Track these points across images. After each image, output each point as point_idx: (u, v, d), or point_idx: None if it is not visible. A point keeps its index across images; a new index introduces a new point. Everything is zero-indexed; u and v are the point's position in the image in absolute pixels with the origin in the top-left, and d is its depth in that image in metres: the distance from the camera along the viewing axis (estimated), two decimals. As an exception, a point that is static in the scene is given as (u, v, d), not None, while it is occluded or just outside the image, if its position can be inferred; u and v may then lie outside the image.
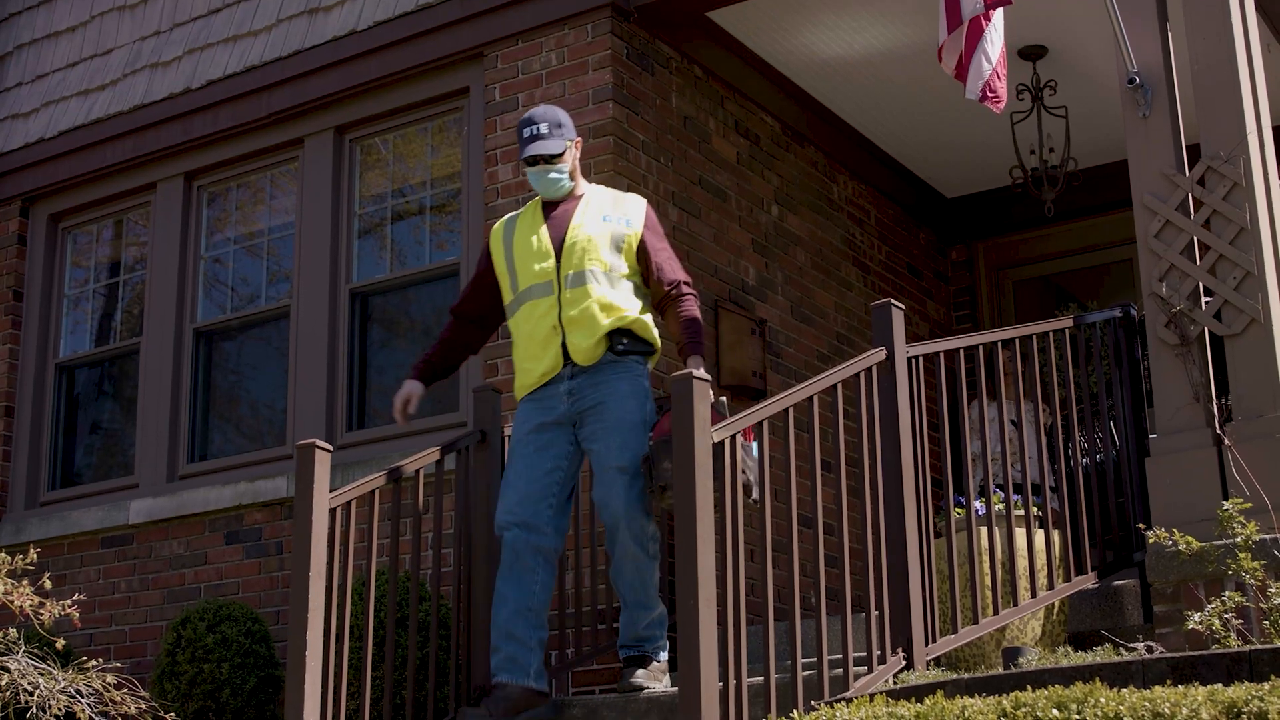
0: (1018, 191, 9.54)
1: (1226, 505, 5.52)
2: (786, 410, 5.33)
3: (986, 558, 5.95)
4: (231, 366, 9.33)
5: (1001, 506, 6.08)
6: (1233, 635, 5.17)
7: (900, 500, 5.57)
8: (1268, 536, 5.50)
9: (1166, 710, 3.66)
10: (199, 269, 9.38)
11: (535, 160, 6.16)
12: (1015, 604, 5.95)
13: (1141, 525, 6.10)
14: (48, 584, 6.83)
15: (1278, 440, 5.87)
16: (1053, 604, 6.23)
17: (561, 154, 6.16)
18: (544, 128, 6.15)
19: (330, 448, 5.86)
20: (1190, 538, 5.58)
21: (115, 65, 9.83)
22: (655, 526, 5.94)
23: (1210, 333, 6.15)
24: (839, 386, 5.58)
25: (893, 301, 5.80)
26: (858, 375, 5.58)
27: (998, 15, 6.15)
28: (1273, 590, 5.18)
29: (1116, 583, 6.48)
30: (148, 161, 9.56)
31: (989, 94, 6.19)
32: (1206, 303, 6.14)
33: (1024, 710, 3.85)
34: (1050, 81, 9.20)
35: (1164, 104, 6.36)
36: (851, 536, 5.86)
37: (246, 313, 9.17)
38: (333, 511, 5.86)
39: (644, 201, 6.27)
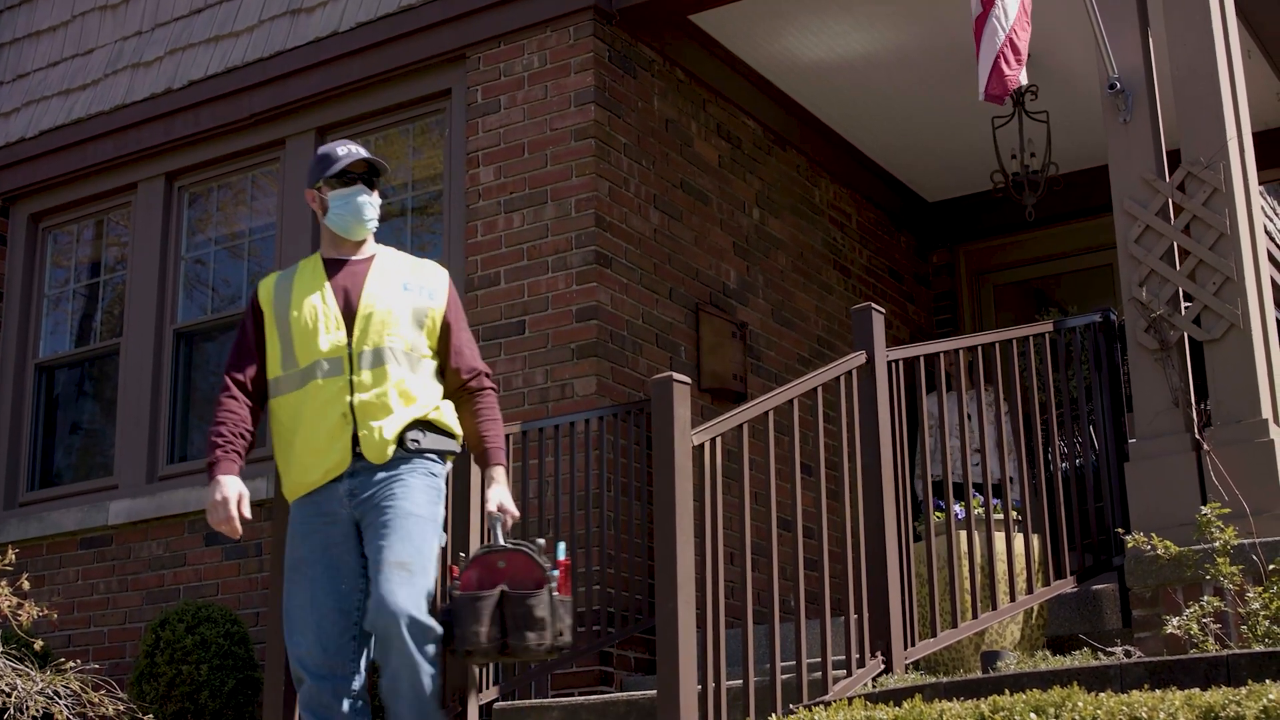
0: (999, 196, 9.55)
1: (1205, 510, 5.53)
2: (767, 413, 5.34)
3: (966, 561, 5.96)
4: (212, 367, 9.30)
5: (981, 510, 6.10)
6: (1211, 640, 5.18)
7: (880, 504, 5.58)
8: (1246, 541, 5.52)
9: (1144, 714, 3.66)
10: (180, 270, 9.36)
11: (352, 178, 5.06)
12: (994, 608, 5.96)
13: (1120, 530, 6.11)
14: (26, 585, 6.82)
15: (1256, 445, 5.89)
16: (1032, 608, 6.24)
17: (379, 181, 5.15)
18: (365, 150, 5.16)
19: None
20: (1169, 542, 5.60)
21: (97, 65, 9.80)
22: (439, 629, 4.82)
23: (1190, 338, 6.17)
24: (819, 390, 5.59)
25: (873, 305, 5.81)
26: (838, 379, 5.59)
27: (1002, 4, 6.11)
28: (1250, 595, 5.20)
29: (1095, 587, 6.49)
30: (129, 162, 9.53)
31: (993, 88, 6.09)
32: (1186, 308, 6.16)
33: (1002, 714, 3.86)
34: (1032, 86, 9.20)
35: (1145, 109, 6.38)
36: (831, 540, 5.87)
37: (227, 314, 9.14)
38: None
39: (445, 272, 5.25)
